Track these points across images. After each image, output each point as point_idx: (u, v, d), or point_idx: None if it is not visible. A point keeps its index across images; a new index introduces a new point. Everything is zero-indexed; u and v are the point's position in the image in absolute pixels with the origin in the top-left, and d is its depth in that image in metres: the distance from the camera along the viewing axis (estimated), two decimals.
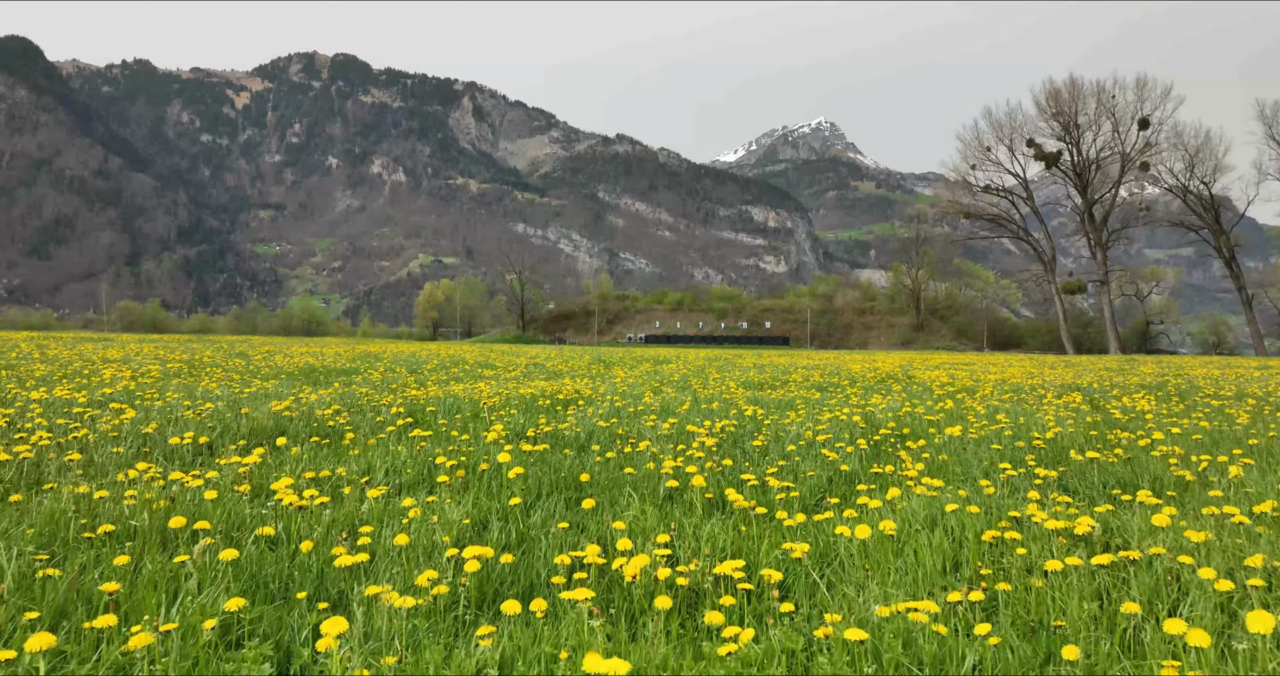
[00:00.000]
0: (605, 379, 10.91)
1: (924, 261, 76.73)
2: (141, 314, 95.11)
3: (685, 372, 13.22)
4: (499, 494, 3.47)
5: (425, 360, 14.53)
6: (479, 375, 10.72)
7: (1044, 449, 4.69)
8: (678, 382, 10.53)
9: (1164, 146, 57.69)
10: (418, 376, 10.16)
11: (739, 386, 9.76)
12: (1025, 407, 7.00)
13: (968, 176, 62.34)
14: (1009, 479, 3.81)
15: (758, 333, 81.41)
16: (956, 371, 14.36)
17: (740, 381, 10.71)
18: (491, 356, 17.96)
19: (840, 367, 15.47)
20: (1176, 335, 71.83)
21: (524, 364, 14.38)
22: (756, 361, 19.39)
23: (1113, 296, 58.95)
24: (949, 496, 3.35)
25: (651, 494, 3.60)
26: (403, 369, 11.46)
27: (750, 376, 11.89)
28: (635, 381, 10.19)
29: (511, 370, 12.36)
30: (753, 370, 13.96)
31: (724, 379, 11.38)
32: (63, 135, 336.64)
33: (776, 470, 4.09)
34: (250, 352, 16.04)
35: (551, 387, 8.02)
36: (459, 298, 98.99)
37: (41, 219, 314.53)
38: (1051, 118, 59.10)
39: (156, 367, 9.66)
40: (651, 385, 9.74)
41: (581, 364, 15.38)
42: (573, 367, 14.16)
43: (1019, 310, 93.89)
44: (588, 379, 10.59)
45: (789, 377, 11.64)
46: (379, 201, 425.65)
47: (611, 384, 9.36)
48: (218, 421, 5.02)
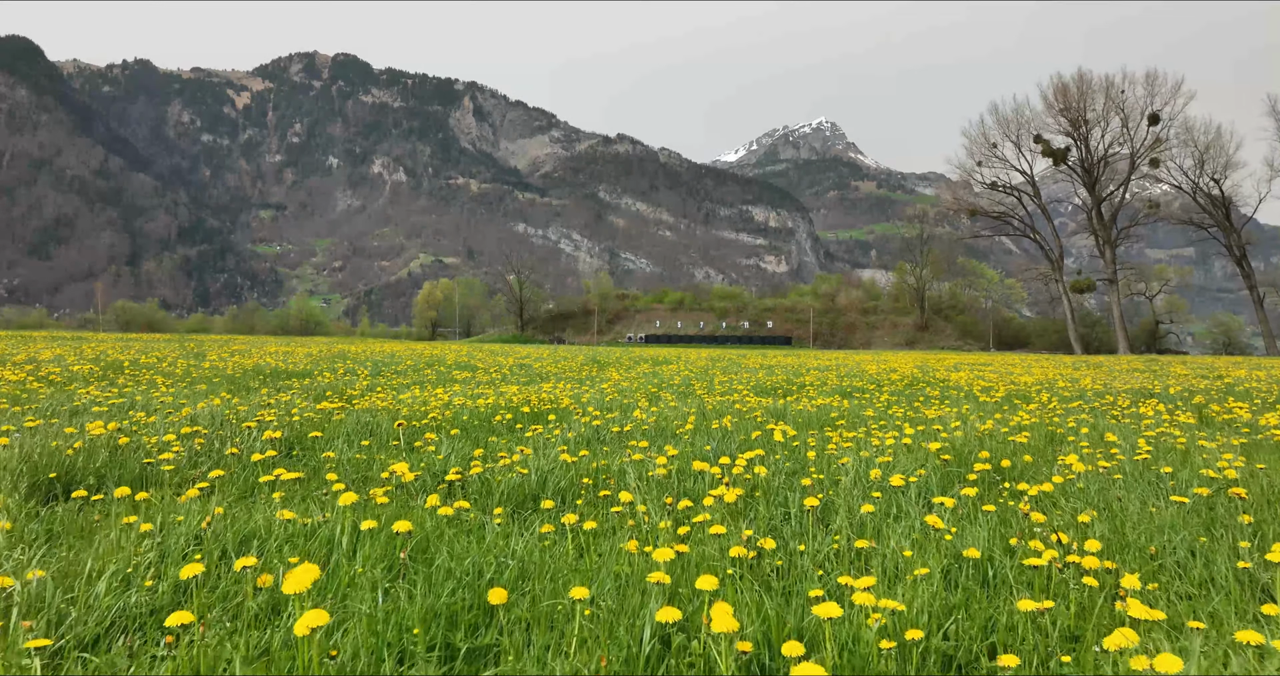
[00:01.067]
0: (596, 382, 9.76)
1: (928, 260, 75.62)
2: (137, 313, 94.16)
3: (687, 374, 12.12)
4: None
5: (401, 360, 13.42)
6: (451, 378, 9.58)
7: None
8: (679, 387, 9.34)
9: (1174, 143, 56.58)
10: (380, 379, 9.06)
11: (751, 392, 8.57)
12: (1125, 423, 5.47)
13: (974, 173, 61.24)
14: None
15: (760, 332, 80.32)
16: (981, 372, 13.25)
17: (750, 385, 9.53)
18: (477, 356, 16.86)
19: (854, 368, 14.39)
20: (1179, 335, 70.62)
21: (510, 364, 13.29)
22: (763, 362, 18.28)
23: (1121, 295, 57.79)
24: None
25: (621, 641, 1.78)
26: (365, 370, 10.35)
27: (760, 379, 10.73)
28: (630, 386, 9.05)
29: (492, 372, 11.25)
30: (761, 371, 12.85)
31: (731, 382, 10.15)
32: (63, 135, 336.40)
33: (850, 552, 2.42)
34: (210, 352, 14.92)
35: (522, 396, 6.81)
36: (457, 297, 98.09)
37: (42, 219, 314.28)
38: (1059, 113, 57.94)
39: (58, 372, 8.42)
40: (648, 390, 8.56)
41: (574, 365, 14.30)
42: (563, 369, 13.07)
43: (1021, 310, 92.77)
44: (574, 383, 9.45)
45: (803, 380, 10.54)
46: (379, 201, 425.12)
47: (600, 390, 8.21)
48: None
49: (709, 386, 9.45)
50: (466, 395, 6.82)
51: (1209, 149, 56.03)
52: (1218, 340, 64.95)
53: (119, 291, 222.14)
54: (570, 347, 48.19)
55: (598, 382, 9.65)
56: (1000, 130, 60.80)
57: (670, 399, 7.49)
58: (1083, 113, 56.99)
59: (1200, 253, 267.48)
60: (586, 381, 9.84)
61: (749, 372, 12.59)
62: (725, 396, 7.86)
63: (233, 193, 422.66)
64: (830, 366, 15.36)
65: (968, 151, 62.16)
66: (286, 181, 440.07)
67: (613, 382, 9.70)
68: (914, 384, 10.22)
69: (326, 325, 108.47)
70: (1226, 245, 57.63)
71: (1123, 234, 57.42)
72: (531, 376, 10.54)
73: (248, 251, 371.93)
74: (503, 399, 6.47)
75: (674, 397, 7.63)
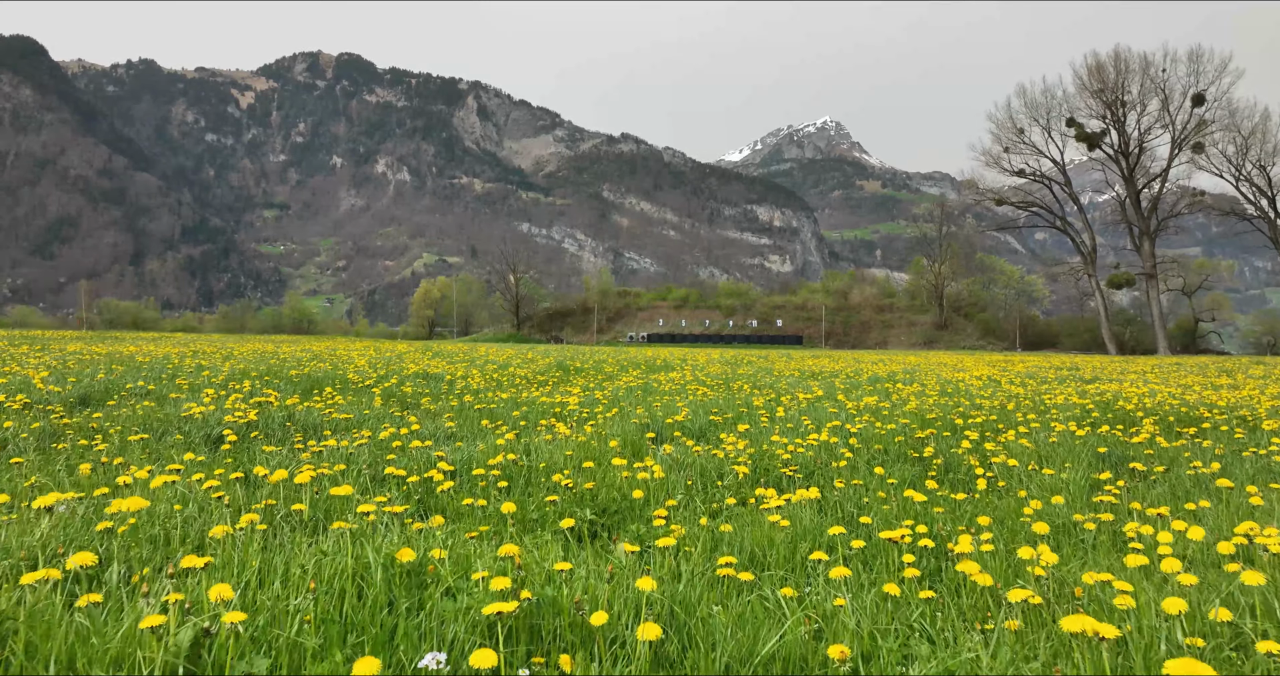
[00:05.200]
0: (518, 413, 6.00)
1: (947, 255, 71.62)
2: (123, 311, 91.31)
3: (697, 387, 8.33)
4: None
5: (302, 364, 9.76)
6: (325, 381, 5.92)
7: None
8: (690, 427, 5.53)
9: (1216, 127, 52.43)
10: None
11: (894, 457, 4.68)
12: None
13: (1000, 160, 57.20)
14: None
15: (769, 331, 76.52)
16: (1108, 387, 9.47)
17: (864, 430, 5.40)
18: (406, 357, 13.25)
19: (912, 371, 10.65)
20: (1220, 335, 66.27)
21: (411, 372, 9.52)
22: (791, 365, 14.48)
23: (1159, 291, 53.62)
24: None
25: None
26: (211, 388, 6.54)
27: (847, 404, 6.75)
28: (570, 436, 4.86)
29: (386, 381, 7.66)
30: (813, 382, 9.00)
31: (794, 413, 6.01)
32: (67, 134, 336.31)
33: None
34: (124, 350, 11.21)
35: None
36: (455, 296, 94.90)
37: (46, 218, 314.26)
38: (1093, 95, 53.86)
39: None
40: (611, 443, 4.58)
41: (531, 371, 10.50)
42: (512, 377, 9.34)
43: (1042, 308, 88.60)
44: (456, 419, 5.73)
45: (900, 394, 6.73)
46: (383, 201, 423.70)
47: (488, 443, 4.53)
48: None
49: (756, 421, 5.60)
50: None
51: (1253, 133, 51.97)
52: (1260, 339, 60.66)
53: (122, 291, 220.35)
54: (565, 347, 44.53)
55: (533, 413, 5.89)
56: (1028, 114, 56.83)
57: (658, 470, 3.77)
58: (1120, 94, 52.89)
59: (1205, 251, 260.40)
60: (502, 412, 6.08)
61: (791, 381, 8.68)
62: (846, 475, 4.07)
63: (236, 192, 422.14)
64: (894, 372, 11.52)
65: (994, 137, 58.23)
66: (290, 181, 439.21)
67: (559, 413, 5.96)
68: (1027, 409, 6.46)
69: (319, 324, 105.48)
70: (1272, 238, 53.53)
71: (1162, 225, 53.24)
72: (426, 393, 6.85)
73: (251, 251, 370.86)
74: None
75: (687, 480, 3.90)
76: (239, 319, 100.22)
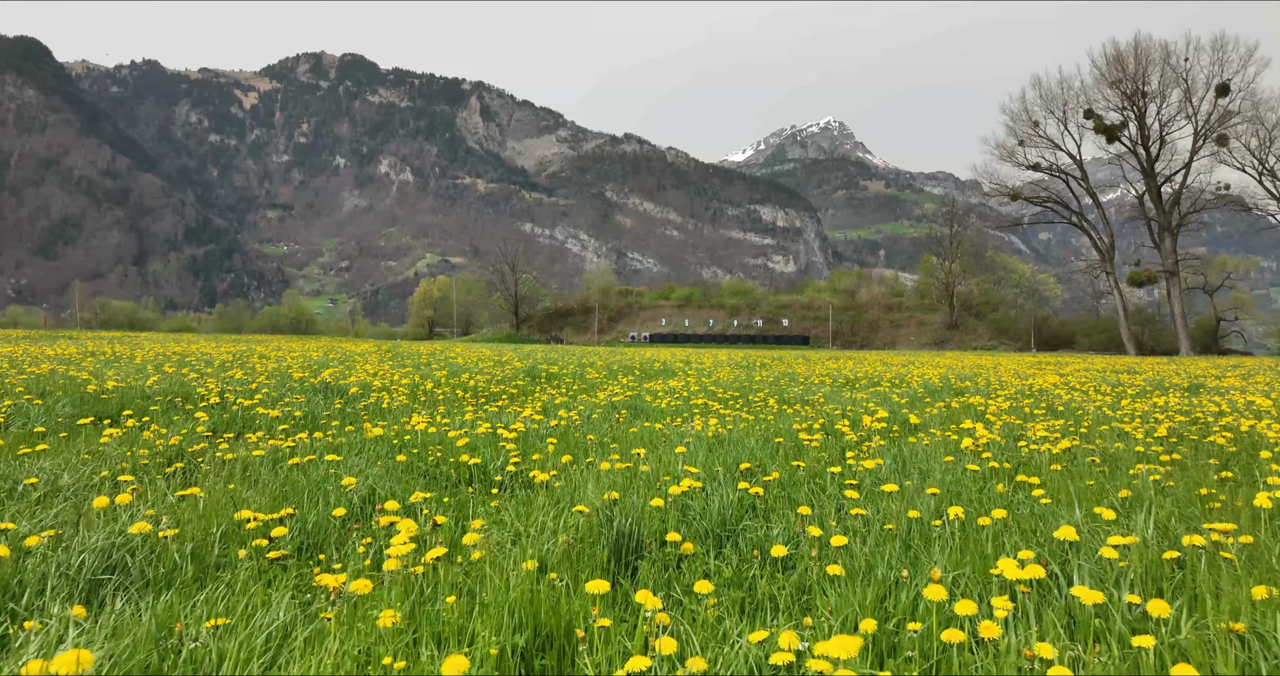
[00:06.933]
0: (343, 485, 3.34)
1: (958, 253, 69.74)
2: (118, 311, 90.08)
3: (707, 402, 6.42)
4: None
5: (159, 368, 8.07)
6: None
7: None
8: (700, 520, 2.81)
9: (1240, 118, 50.49)
10: None
11: None
12: None
13: (1014, 154, 55.26)
14: None
15: (775, 331, 74.72)
16: (1185, 397, 7.71)
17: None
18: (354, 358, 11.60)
19: (971, 376, 8.90)
20: (1244, 335, 64.13)
21: (299, 379, 7.73)
22: (815, 368, 12.71)
23: (1182, 289, 51.61)
24: None
25: None
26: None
27: (964, 444, 4.18)
28: (400, 570, 2.04)
29: (257, 394, 5.95)
30: (856, 393, 7.12)
31: (886, 470, 3.64)
32: (71, 135, 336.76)
33: None
34: None
35: None
36: (455, 295, 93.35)
37: (49, 219, 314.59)
38: (1111, 85, 51.90)
39: None
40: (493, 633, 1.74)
41: (489, 379, 8.67)
42: (461, 386, 7.56)
43: (1054, 307, 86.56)
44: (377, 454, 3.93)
45: (1008, 419, 4.94)
46: (386, 201, 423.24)
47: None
48: None
49: (820, 505, 2.94)
50: None
51: (1277, 126, 49.94)
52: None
53: (125, 292, 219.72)
54: (562, 348, 42.76)
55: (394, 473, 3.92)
56: (1044, 106, 54.90)
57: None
58: (1140, 85, 50.95)
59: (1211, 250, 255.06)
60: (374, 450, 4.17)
61: (840, 400, 6.67)
62: None
63: (240, 193, 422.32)
64: (925, 375, 9.74)
65: (1008, 130, 56.34)
66: (293, 181, 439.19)
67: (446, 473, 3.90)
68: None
69: (317, 324, 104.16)
70: None
71: (1185, 220, 51.25)
72: (307, 420, 5.11)
73: (254, 251, 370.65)
74: None
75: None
76: (236, 318, 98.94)
